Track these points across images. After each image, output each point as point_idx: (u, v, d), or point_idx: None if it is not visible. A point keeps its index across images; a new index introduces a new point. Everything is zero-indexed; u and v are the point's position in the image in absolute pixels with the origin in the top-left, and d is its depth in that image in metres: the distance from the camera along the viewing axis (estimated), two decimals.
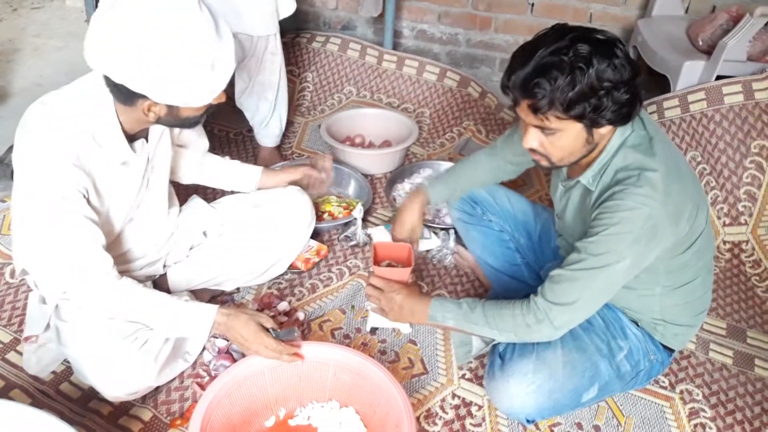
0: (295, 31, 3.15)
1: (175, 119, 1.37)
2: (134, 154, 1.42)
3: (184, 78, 1.25)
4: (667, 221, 1.21)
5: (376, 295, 1.53)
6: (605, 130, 1.23)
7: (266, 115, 2.38)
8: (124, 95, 1.29)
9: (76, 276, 1.35)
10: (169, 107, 1.32)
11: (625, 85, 1.16)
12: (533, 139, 1.25)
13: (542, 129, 1.22)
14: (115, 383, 1.40)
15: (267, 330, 1.42)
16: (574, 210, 1.40)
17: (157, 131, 1.49)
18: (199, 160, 1.81)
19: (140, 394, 1.46)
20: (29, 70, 3.06)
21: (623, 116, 1.20)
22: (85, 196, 1.34)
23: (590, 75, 1.13)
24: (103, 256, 1.36)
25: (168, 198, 1.66)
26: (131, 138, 1.41)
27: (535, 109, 1.18)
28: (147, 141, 1.47)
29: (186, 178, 1.81)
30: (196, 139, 1.75)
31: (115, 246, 1.54)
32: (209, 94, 1.32)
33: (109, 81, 1.28)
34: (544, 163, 1.30)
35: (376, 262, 1.68)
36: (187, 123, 1.41)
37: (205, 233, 1.77)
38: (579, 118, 1.18)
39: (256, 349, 1.39)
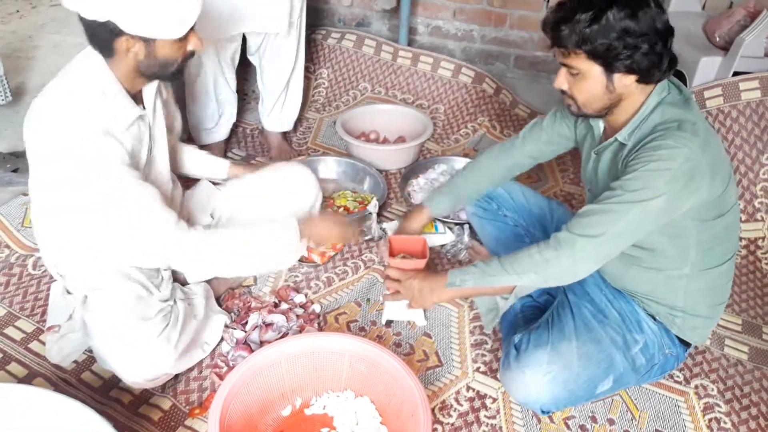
0: (310, 28, 3.16)
1: (154, 61, 1.37)
2: (140, 110, 1.45)
3: (149, 1, 1.28)
4: (706, 168, 1.23)
5: (395, 287, 1.56)
6: (628, 80, 1.26)
7: (272, 103, 2.45)
8: (103, 43, 1.33)
9: (153, 236, 1.40)
10: (146, 44, 1.33)
11: (642, 36, 1.20)
12: (562, 79, 1.33)
13: (569, 69, 1.30)
14: (136, 369, 1.43)
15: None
16: (605, 172, 1.41)
17: (149, 94, 1.51)
18: (179, 146, 1.84)
19: (160, 381, 1.49)
20: (48, 67, 3.10)
21: (640, 69, 1.24)
22: (125, 162, 1.38)
23: (608, 17, 1.20)
24: (168, 210, 1.42)
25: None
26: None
27: (558, 43, 1.27)
28: (144, 107, 1.50)
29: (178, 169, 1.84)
30: (179, 120, 1.78)
31: None
32: (179, 23, 1.34)
33: (89, 33, 1.33)
34: (573, 108, 1.36)
35: (392, 255, 1.70)
36: (167, 69, 1.41)
37: (212, 215, 1.80)
38: (593, 56, 1.24)
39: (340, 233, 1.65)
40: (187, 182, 1.86)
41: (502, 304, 1.53)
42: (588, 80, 1.28)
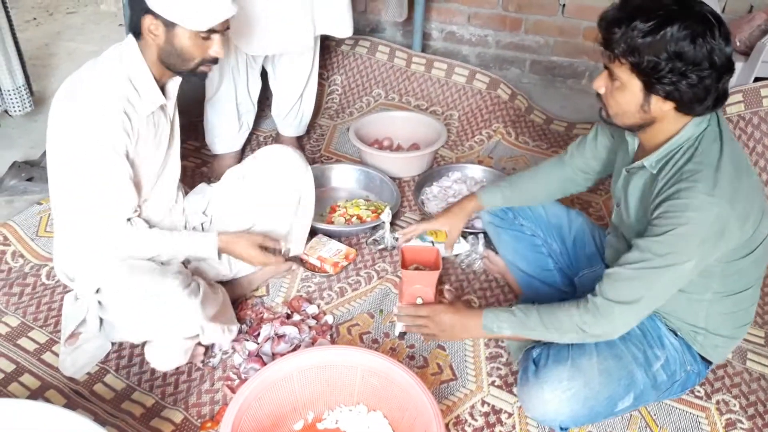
0: (323, 35, 3.16)
1: (172, 49, 1.44)
2: (163, 99, 1.51)
3: None
4: (736, 222, 1.19)
5: (424, 323, 1.53)
6: (665, 106, 1.20)
7: (288, 107, 2.45)
8: (135, 20, 1.42)
9: (106, 221, 1.46)
10: (166, 28, 1.41)
11: (693, 65, 1.13)
12: (601, 82, 1.27)
13: (610, 75, 1.24)
14: (167, 324, 1.47)
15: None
16: (637, 198, 1.37)
17: (173, 89, 1.57)
18: None
19: (189, 347, 1.55)
20: (64, 75, 3.08)
21: (681, 98, 1.17)
22: (123, 143, 1.42)
23: (665, 33, 1.12)
24: (130, 202, 1.47)
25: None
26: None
27: (607, 44, 1.20)
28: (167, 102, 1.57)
29: None
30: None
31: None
32: (200, 16, 1.40)
33: (129, 7, 1.43)
34: (603, 113, 1.32)
35: (404, 266, 1.68)
36: (185, 63, 1.47)
37: (205, 213, 1.79)
38: (637, 70, 1.17)
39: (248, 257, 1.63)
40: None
41: None
42: (625, 93, 1.22)
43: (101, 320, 1.54)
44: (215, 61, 1.51)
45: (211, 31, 1.45)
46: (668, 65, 1.13)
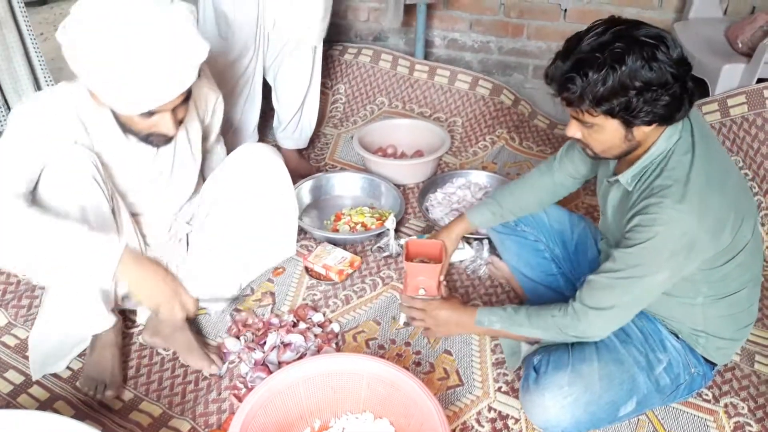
0: (327, 44, 3.18)
1: (119, 119, 1.39)
2: (125, 139, 1.45)
3: (100, 67, 1.24)
4: (706, 235, 1.20)
5: (420, 317, 1.58)
6: (648, 128, 1.21)
7: (287, 120, 2.45)
8: None
9: None
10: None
11: (661, 87, 1.14)
12: (574, 129, 1.29)
13: (581, 122, 1.25)
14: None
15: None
16: (614, 208, 1.40)
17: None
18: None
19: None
20: None
21: (662, 117, 1.19)
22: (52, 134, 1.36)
23: (622, 73, 1.13)
24: (23, 179, 1.33)
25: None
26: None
27: (568, 103, 1.21)
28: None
29: None
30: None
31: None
32: (132, 103, 1.28)
33: None
34: (589, 152, 1.33)
35: (408, 259, 1.66)
36: (135, 133, 1.40)
37: (189, 222, 1.79)
38: (610, 114, 1.19)
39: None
40: None
41: (525, 348, 1.54)
42: (604, 133, 1.24)
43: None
44: (168, 138, 1.43)
45: (151, 113, 1.33)
46: (640, 98, 1.14)
